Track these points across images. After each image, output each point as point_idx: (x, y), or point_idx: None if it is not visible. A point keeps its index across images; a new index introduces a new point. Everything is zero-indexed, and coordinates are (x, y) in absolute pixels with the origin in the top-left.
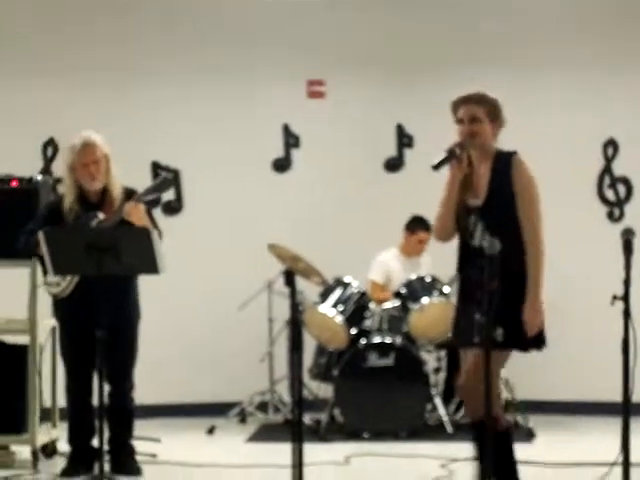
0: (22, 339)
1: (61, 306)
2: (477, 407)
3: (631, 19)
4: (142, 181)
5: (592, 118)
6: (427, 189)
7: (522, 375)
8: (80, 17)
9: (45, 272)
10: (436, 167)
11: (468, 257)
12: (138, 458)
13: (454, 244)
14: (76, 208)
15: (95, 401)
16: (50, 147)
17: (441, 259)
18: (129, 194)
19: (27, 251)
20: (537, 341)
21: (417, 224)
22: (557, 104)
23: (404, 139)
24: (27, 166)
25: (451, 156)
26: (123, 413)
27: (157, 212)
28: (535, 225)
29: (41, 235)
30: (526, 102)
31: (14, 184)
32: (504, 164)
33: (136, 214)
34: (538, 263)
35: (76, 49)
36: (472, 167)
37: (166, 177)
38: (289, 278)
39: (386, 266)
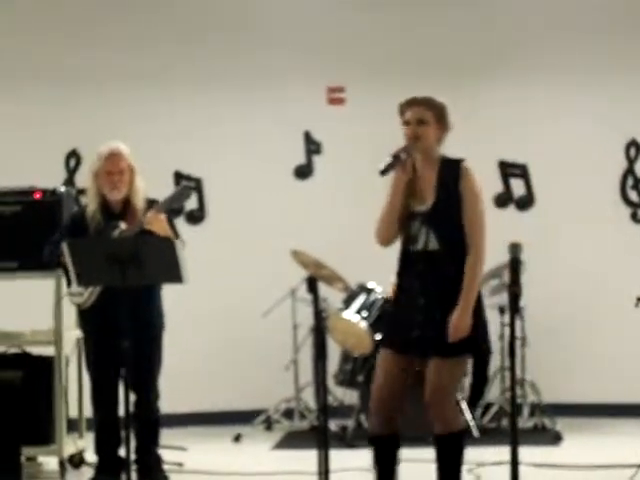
0: (48, 350)
1: (85, 316)
2: (387, 420)
3: None
4: (165, 191)
5: (614, 120)
6: None
7: (548, 378)
8: (100, 26)
9: (69, 283)
10: (383, 172)
11: (409, 263)
12: (165, 467)
13: None
14: (99, 217)
15: (121, 411)
16: (73, 158)
17: None
18: (150, 204)
19: (52, 262)
20: (469, 347)
21: None
22: (579, 107)
23: None
24: (50, 178)
25: (396, 161)
26: (149, 423)
27: (180, 221)
28: (481, 233)
29: (65, 246)
30: (548, 105)
31: (37, 196)
32: (451, 171)
33: (157, 223)
34: (477, 270)
35: (98, 59)
36: (416, 172)
37: (185, 186)
38: (312, 285)
39: None
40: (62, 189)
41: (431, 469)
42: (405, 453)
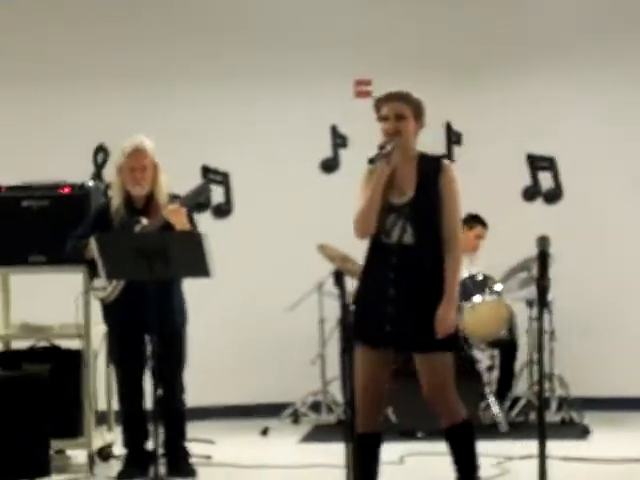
0: (76, 344)
1: (109, 311)
2: (373, 418)
3: None
4: (192, 185)
5: None
6: (477, 185)
7: (576, 372)
8: (127, 20)
9: (92, 277)
10: (371, 161)
11: (380, 254)
12: (193, 460)
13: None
14: (122, 212)
15: (148, 404)
16: (101, 153)
17: (494, 256)
18: (171, 199)
19: (75, 256)
20: (452, 343)
21: (474, 220)
22: (608, 100)
23: (453, 136)
24: (78, 172)
25: (383, 152)
26: (175, 416)
27: (206, 215)
28: (459, 228)
29: (92, 241)
30: (576, 98)
31: (66, 190)
32: (431, 166)
33: (177, 216)
34: (458, 264)
35: (126, 55)
36: (393, 165)
37: (206, 182)
38: (338, 279)
39: None
40: (90, 183)
41: (482, 461)
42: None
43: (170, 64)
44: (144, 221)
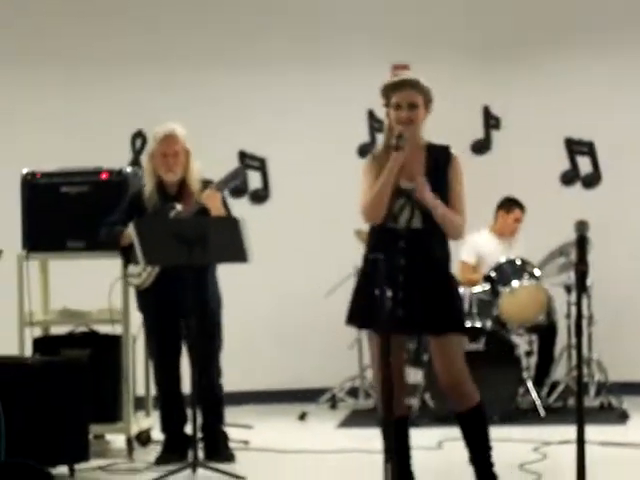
0: (115, 329)
1: (143, 298)
2: (398, 402)
3: None
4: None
5: None
6: (515, 170)
7: (615, 356)
8: (165, 9)
9: (126, 264)
10: (397, 148)
11: (388, 239)
12: (231, 445)
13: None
14: (155, 198)
15: (185, 389)
16: (139, 139)
17: (532, 241)
18: (205, 185)
19: (109, 243)
20: (464, 325)
21: (512, 203)
22: None
23: (491, 121)
24: (116, 158)
25: (402, 140)
26: (213, 400)
27: (244, 201)
28: (465, 208)
29: (131, 226)
30: (615, 82)
31: (104, 176)
32: (441, 155)
33: (213, 201)
34: (457, 219)
35: (163, 41)
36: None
37: (240, 167)
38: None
39: (478, 247)
40: (128, 169)
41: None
42: (493, 432)
43: (207, 50)
44: (178, 207)
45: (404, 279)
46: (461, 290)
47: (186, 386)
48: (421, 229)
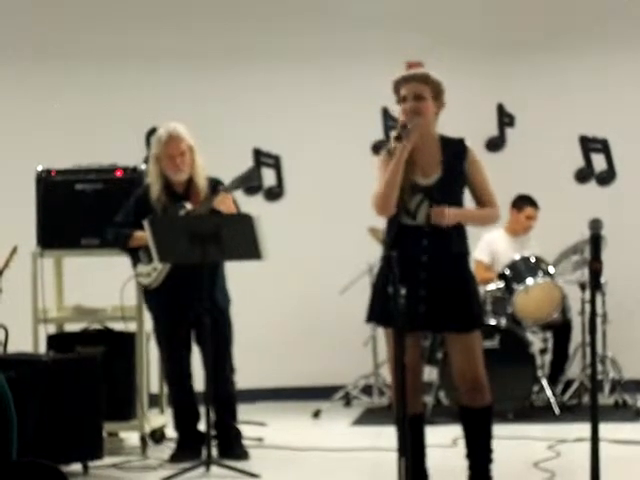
0: (129, 326)
1: (153, 296)
2: (414, 400)
3: None
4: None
5: None
6: (530, 168)
7: (630, 354)
8: (178, 7)
9: (134, 264)
10: (397, 138)
11: (407, 236)
12: (245, 442)
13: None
14: (164, 199)
15: (198, 387)
16: (153, 136)
17: (547, 239)
18: (214, 184)
19: (117, 245)
20: (481, 322)
21: (524, 201)
22: None
23: (505, 118)
24: (131, 155)
25: (406, 130)
26: (226, 397)
27: (258, 198)
28: (494, 193)
29: (146, 224)
30: (629, 79)
31: (119, 173)
32: (455, 148)
33: (225, 204)
34: (489, 214)
35: (177, 39)
36: (415, 146)
37: (253, 168)
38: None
39: (492, 245)
40: (143, 167)
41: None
42: (507, 429)
43: (223, 48)
44: (188, 206)
45: (426, 276)
46: None
47: (199, 384)
48: (440, 225)
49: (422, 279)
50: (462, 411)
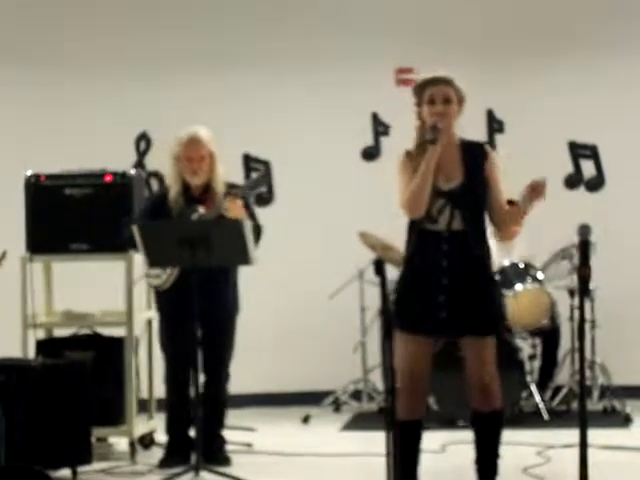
0: (119, 331)
1: (162, 298)
2: (417, 405)
3: None
4: (234, 174)
5: None
6: (517, 174)
7: (618, 360)
8: (171, 5)
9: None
10: (432, 142)
11: (428, 242)
12: (234, 448)
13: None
14: (181, 201)
15: (191, 392)
16: (143, 141)
17: (535, 245)
18: (231, 189)
19: (132, 244)
20: (500, 325)
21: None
22: None
23: (495, 124)
24: (121, 161)
25: (437, 132)
26: (217, 403)
27: None
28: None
29: (135, 229)
30: (618, 85)
31: (108, 179)
32: (476, 152)
33: (234, 209)
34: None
35: (166, 43)
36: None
37: (263, 174)
38: (379, 267)
39: None
40: (132, 172)
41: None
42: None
43: (211, 52)
44: (201, 210)
45: (447, 282)
46: None
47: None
48: (462, 230)
49: (443, 284)
50: (473, 415)
